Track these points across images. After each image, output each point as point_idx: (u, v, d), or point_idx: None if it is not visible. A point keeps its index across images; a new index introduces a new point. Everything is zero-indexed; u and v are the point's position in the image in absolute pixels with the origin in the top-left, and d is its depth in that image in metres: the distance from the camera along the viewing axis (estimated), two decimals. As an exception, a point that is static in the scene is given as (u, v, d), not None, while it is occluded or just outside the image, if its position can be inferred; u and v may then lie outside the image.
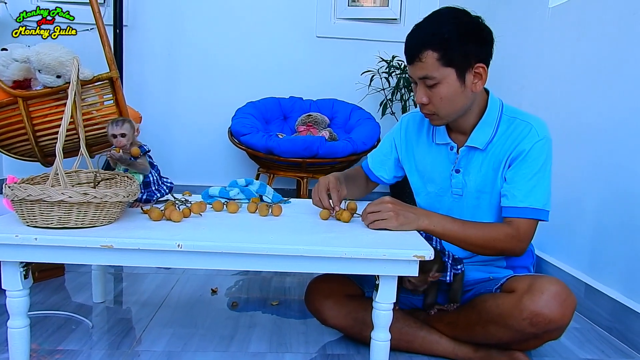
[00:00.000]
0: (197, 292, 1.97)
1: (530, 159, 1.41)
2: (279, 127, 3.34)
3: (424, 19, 1.42)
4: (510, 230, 1.40)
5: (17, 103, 1.96)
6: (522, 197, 1.40)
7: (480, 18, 1.41)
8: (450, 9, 1.41)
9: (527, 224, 1.41)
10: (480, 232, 1.41)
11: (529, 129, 1.43)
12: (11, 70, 1.99)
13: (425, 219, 1.39)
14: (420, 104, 1.44)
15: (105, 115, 2.11)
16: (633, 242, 1.69)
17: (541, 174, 1.41)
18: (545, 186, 1.42)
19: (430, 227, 1.39)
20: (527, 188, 1.40)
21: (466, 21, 1.39)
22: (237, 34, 3.48)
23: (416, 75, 1.41)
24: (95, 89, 2.09)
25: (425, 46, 1.36)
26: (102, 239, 1.17)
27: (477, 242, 1.41)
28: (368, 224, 1.38)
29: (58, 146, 1.24)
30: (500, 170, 1.46)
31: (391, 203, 1.38)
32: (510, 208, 1.42)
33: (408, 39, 1.42)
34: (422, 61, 1.37)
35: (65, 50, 1.94)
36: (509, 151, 1.44)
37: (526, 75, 2.44)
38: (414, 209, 1.42)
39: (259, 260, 1.21)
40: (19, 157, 2.16)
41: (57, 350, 1.46)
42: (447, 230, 1.39)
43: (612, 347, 1.66)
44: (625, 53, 1.78)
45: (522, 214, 1.40)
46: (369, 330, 1.30)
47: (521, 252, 1.45)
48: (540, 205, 1.40)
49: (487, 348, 1.45)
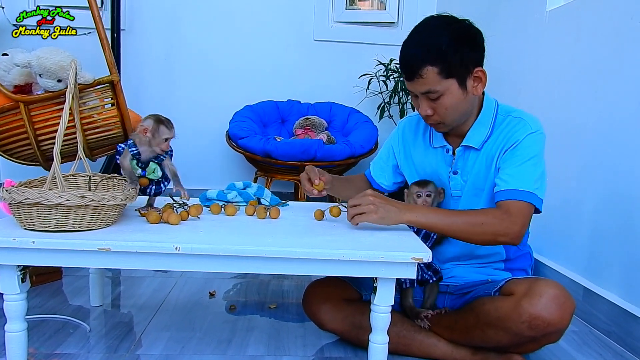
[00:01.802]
0: (194, 295, 1.97)
1: (521, 147, 1.39)
2: (276, 130, 3.34)
3: (415, 32, 1.41)
4: (499, 212, 1.36)
5: (19, 108, 1.96)
6: (512, 181, 1.37)
7: (468, 21, 1.41)
8: (439, 18, 1.41)
9: (518, 205, 1.35)
10: (466, 217, 1.38)
11: (522, 123, 1.43)
12: (12, 75, 1.98)
13: (407, 212, 1.36)
14: (425, 116, 1.44)
15: (107, 119, 2.11)
16: (631, 245, 1.70)
17: (533, 161, 1.38)
18: (537, 173, 1.38)
19: (413, 219, 1.36)
20: (517, 172, 1.38)
21: (458, 28, 1.38)
22: (235, 38, 3.48)
23: (418, 91, 1.40)
24: (96, 92, 2.09)
25: (424, 62, 1.35)
26: (100, 241, 1.17)
27: (464, 228, 1.36)
28: (350, 219, 1.37)
29: (56, 149, 1.24)
30: (493, 164, 1.45)
31: (372, 196, 1.36)
32: (500, 192, 1.39)
33: (404, 56, 1.40)
34: (423, 77, 1.36)
35: (66, 55, 1.94)
36: (502, 144, 1.43)
37: (524, 78, 2.45)
38: (396, 202, 1.39)
39: (257, 263, 1.21)
40: (21, 161, 2.15)
41: (55, 354, 1.45)
42: (431, 220, 1.37)
43: (611, 350, 1.66)
44: (623, 56, 1.78)
45: (512, 195, 1.36)
46: (366, 334, 1.30)
47: (516, 237, 1.36)
48: (531, 189, 1.36)
49: (485, 351, 1.45)
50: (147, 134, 1.38)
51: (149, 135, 1.38)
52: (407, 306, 1.54)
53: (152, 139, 1.38)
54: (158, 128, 1.38)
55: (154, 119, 1.40)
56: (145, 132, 1.38)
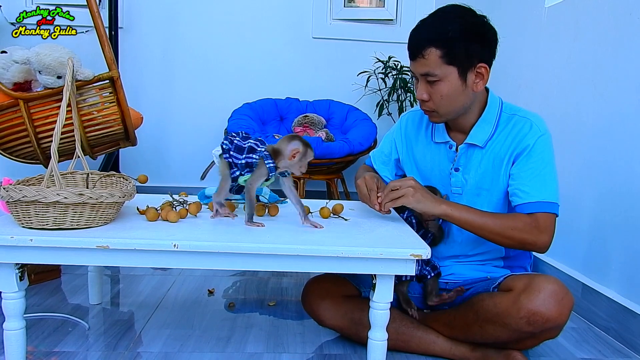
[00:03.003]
0: (193, 293, 1.97)
1: (535, 154, 1.41)
2: (275, 128, 3.34)
3: (429, 15, 1.42)
4: (530, 220, 1.39)
5: (19, 105, 1.95)
6: (535, 193, 1.40)
7: (485, 17, 1.41)
8: (456, 7, 1.41)
9: (546, 217, 1.40)
10: (498, 220, 1.40)
11: (530, 125, 1.43)
12: (11, 72, 1.98)
13: (443, 204, 1.39)
14: (421, 100, 1.44)
15: (106, 116, 2.10)
16: (630, 241, 1.70)
17: (548, 168, 1.42)
18: (554, 180, 1.42)
19: (448, 212, 1.38)
20: (538, 183, 1.40)
21: (471, 21, 1.39)
22: (233, 35, 3.48)
23: (418, 72, 1.41)
24: (95, 89, 2.08)
25: (429, 43, 1.36)
26: (98, 239, 1.17)
27: (495, 230, 1.39)
28: (387, 201, 1.38)
29: (53, 147, 1.24)
30: (502, 167, 1.45)
31: (414, 181, 1.39)
32: (526, 204, 1.41)
33: (412, 35, 1.41)
34: (425, 58, 1.37)
35: (66, 51, 1.94)
36: (511, 148, 1.44)
37: (523, 75, 2.45)
38: (434, 196, 1.42)
39: (256, 260, 1.21)
40: (21, 159, 2.15)
41: (54, 352, 1.45)
42: (464, 216, 1.39)
43: (610, 346, 1.66)
44: (621, 52, 1.78)
45: (539, 208, 1.39)
46: (365, 330, 1.30)
47: (544, 246, 1.41)
48: (554, 199, 1.40)
49: (484, 348, 1.45)
50: (296, 156, 1.35)
51: (297, 157, 1.35)
52: (400, 291, 1.52)
53: (298, 161, 1.36)
54: (306, 152, 1.36)
55: (301, 142, 1.35)
56: (295, 154, 1.35)
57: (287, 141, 1.36)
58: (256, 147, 1.35)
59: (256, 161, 1.34)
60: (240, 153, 1.36)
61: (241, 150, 1.36)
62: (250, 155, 1.35)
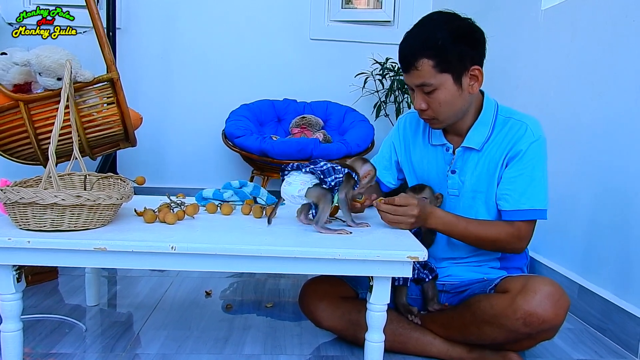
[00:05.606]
0: (191, 294, 1.97)
1: (526, 159, 1.43)
2: (273, 129, 3.34)
3: (415, 26, 1.43)
4: (512, 230, 1.45)
5: (19, 107, 1.95)
6: (522, 200, 1.43)
7: (470, 20, 1.42)
8: (440, 14, 1.42)
9: (528, 225, 1.46)
10: (482, 230, 1.46)
11: (525, 128, 1.44)
12: (11, 74, 1.98)
13: (429, 219, 1.43)
14: (419, 110, 1.44)
15: (107, 117, 2.10)
16: (625, 242, 1.70)
17: (538, 174, 1.44)
18: (542, 185, 1.45)
19: (433, 226, 1.45)
20: (526, 190, 1.42)
21: (458, 25, 1.39)
22: (231, 37, 3.48)
23: (413, 83, 1.41)
24: (95, 90, 2.08)
25: (420, 54, 1.36)
26: (96, 241, 1.17)
27: (478, 240, 1.47)
28: (386, 220, 1.40)
29: (51, 149, 1.24)
30: (497, 170, 1.47)
31: (418, 208, 1.39)
32: (511, 212, 1.45)
33: (402, 48, 1.42)
34: (418, 69, 1.38)
35: (65, 52, 1.94)
36: (506, 151, 1.45)
37: (519, 77, 2.45)
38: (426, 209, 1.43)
39: (253, 262, 1.21)
40: (21, 161, 2.15)
41: (51, 353, 1.45)
42: (449, 228, 1.45)
43: (605, 347, 1.67)
44: (618, 54, 1.79)
45: (523, 216, 1.44)
46: (362, 332, 1.30)
47: (521, 251, 1.52)
48: (540, 206, 1.44)
49: (481, 348, 1.45)
50: (367, 177, 1.42)
51: (368, 179, 1.42)
52: (400, 303, 1.54)
53: (367, 182, 1.43)
54: (375, 174, 1.45)
55: (372, 165, 1.44)
56: (366, 176, 1.42)
57: (360, 163, 1.43)
58: (336, 167, 1.37)
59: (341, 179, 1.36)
60: (330, 175, 1.35)
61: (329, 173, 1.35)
62: (337, 175, 1.36)
